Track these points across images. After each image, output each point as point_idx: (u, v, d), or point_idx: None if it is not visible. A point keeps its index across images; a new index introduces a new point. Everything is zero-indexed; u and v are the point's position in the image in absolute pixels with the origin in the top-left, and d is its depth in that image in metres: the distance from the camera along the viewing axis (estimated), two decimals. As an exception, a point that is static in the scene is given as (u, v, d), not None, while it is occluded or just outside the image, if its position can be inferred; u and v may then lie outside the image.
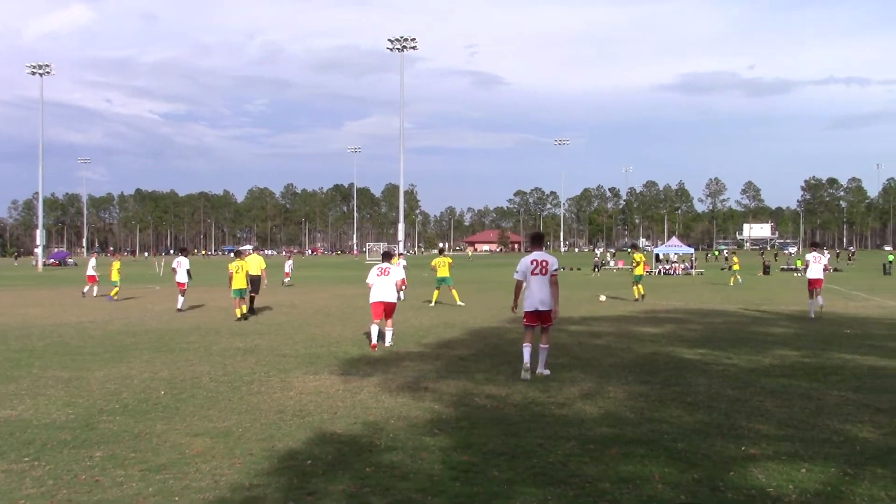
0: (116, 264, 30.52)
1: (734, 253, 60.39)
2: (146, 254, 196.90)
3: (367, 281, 14.82)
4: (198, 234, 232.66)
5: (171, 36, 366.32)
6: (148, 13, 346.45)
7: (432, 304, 25.54)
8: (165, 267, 61.35)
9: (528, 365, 10.89)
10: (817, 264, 21.44)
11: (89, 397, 9.73)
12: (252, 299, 22.43)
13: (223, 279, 21.38)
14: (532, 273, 11.02)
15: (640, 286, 28.58)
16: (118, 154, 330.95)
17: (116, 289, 29.80)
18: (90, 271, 32.07)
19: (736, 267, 44.17)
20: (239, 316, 20.30)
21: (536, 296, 10.98)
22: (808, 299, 21.18)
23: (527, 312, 11.08)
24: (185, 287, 24.47)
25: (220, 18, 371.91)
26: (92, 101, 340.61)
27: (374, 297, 14.62)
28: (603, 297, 28.90)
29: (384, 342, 14.50)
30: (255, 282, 22.52)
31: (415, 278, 39.07)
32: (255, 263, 23.16)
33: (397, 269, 15.67)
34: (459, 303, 25.45)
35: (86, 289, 31.89)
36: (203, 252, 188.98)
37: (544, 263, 11.03)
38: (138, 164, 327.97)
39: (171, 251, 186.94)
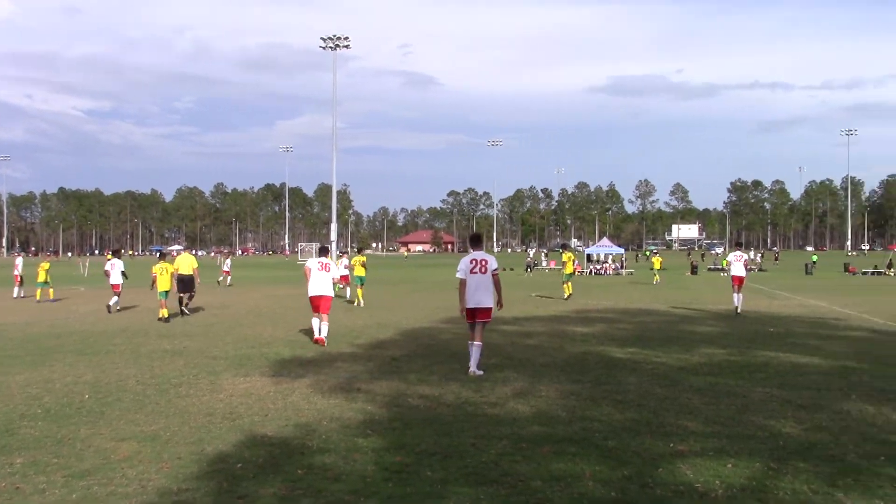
0: (45, 265, 29.59)
1: (656, 253, 61.75)
2: (69, 254, 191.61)
3: (307, 265, 15.49)
4: (124, 234, 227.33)
5: (96, 31, 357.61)
6: (71, 7, 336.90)
7: (355, 303, 25.75)
8: (91, 268, 59.89)
9: (475, 355, 11.32)
10: (738, 262, 23.15)
11: (9, 402, 9.41)
12: (188, 298, 22.33)
13: (150, 280, 20.92)
14: (472, 272, 11.32)
15: (569, 284, 29.25)
16: (41, 151, 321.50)
17: (52, 290, 29.32)
18: (17, 272, 31.56)
19: (657, 266, 46.21)
20: (162, 317, 19.93)
21: (475, 293, 11.29)
22: (732, 295, 22.34)
23: (467, 309, 11.32)
24: (120, 288, 24.01)
25: (147, 14, 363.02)
26: (12, 97, 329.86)
27: (313, 291, 15.12)
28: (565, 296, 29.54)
29: (323, 334, 14.92)
30: (188, 282, 22.33)
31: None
32: (186, 263, 22.84)
33: (336, 266, 16.07)
34: (361, 302, 25.84)
35: (15, 291, 31.26)
36: (130, 252, 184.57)
37: (484, 263, 11.36)
38: (62, 161, 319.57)
39: (97, 251, 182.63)
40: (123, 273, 24.34)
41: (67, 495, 5.87)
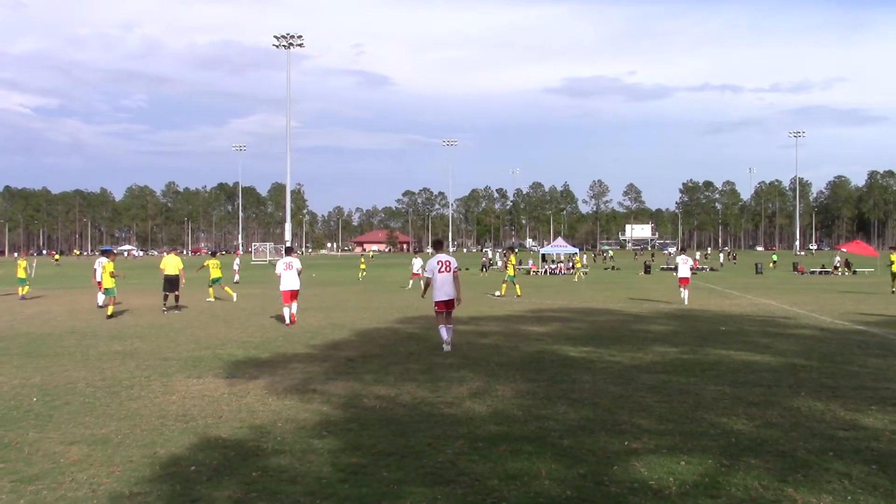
0: (23, 263, 30.86)
1: (575, 254, 62.76)
2: (16, 254, 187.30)
3: (276, 272, 19.17)
4: (73, 234, 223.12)
5: (42, 26, 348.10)
6: (15, 1, 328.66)
7: (210, 299, 27.87)
8: (38, 268, 58.64)
9: (446, 338, 13.66)
10: (685, 265, 27.00)
11: (-47, 406, 9.17)
12: (174, 298, 23.56)
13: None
14: (439, 272, 13.98)
15: (516, 284, 30.98)
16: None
17: (27, 287, 30.62)
18: None
19: (578, 265, 51.17)
20: (110, 314, 20.92)
21: (442, 289, 13.93)
22: (679, 293, 26.05)
23: (437, 302, 13.92)
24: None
25: (94, 10, 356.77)
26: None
27: (284, 286, 18.79)
28: (497, 293, 31.04)
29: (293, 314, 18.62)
30: (174, 281, 23.66)
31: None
32: (172, 263, 24.05)
33: (297, 261, 19.65)
34: (210, 299, 27.93)
35: None
36: (76, 252, 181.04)
37: (447, 263, 14.12)
38: (7, 160, 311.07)
39: (44, 251, 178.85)
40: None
41: (15, 500, 5.74)
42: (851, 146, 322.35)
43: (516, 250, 34.18)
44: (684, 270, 26.42)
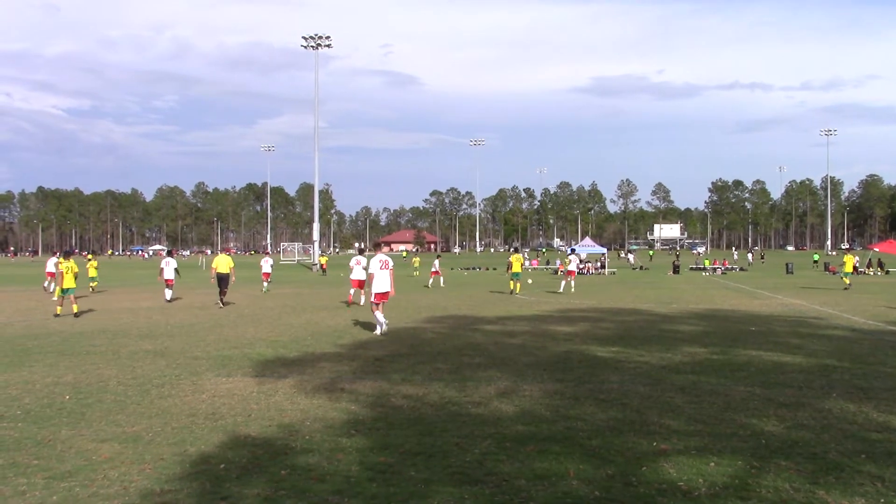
0: (94, 262, 35.57)
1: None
2: (86, 254, 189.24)
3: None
4: (104, 234, 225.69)
5: (75, 28, 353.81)
6: (49, 4, 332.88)
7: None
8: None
9: (382, 322, 16.50)
10: (573, 263, 31.79)
11: (-12, 403, 9.32)
12: (222, 294, 25.58)
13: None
14: (380, 269, 16.80)
15: (517, 283, 32.32)
16: (19, 150, 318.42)
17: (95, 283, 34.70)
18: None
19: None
20: (57, 313, 21.37)
21: (381, 283, 16.77)
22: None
23: (376, 294, 16.70)
24: (173, 283, 28.20)
25: (125, 12, 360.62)
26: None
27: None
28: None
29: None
30: (224, 279, 25.60)
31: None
32: (223, 262, 26.07)
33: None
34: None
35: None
36: (109, 252, 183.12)
37: (387, 262, 17.04)
38: (41, 161, 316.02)
39: (77, 251, 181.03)
40: (176, 270, 28.78)
41: (48, 497, 5.82)
42: (885, 144, 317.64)
43: (521, 252, 35.49)
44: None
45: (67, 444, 7.33)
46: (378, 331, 16.42)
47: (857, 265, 58.00)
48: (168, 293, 27.56)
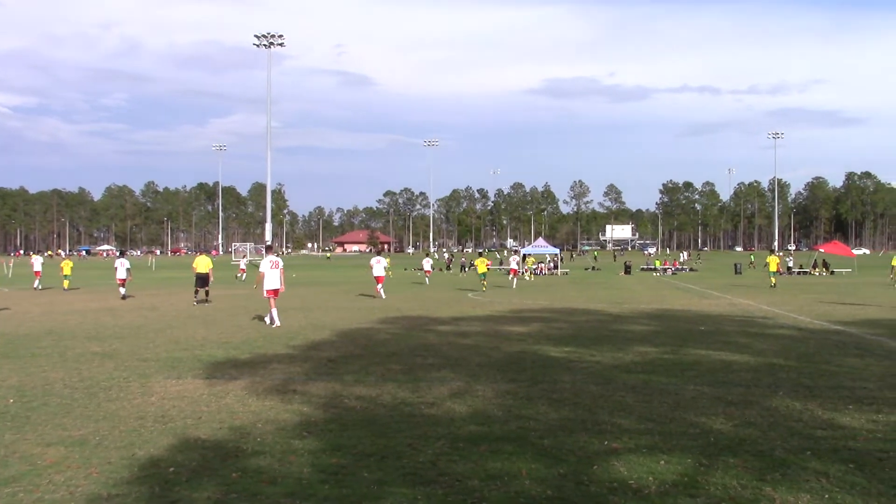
0: (69, 262, 36.94)
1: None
2: (62, 252, 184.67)
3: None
4: (51, 234, 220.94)
5: (19, 25, 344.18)
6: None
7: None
8: (14, 268, 58.14)
9: (275, 316, 18.48)
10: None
11: (-72, 408, 9.06)
12: (204, 293, 27.27)
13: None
14: (270, 269, 19.03)
15: (484, 282, 34.91)
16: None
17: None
18: None
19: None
20: None
21: (271, 280, 19.02)
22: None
23: (268, 290, 18.92)
24: (125, 282, 29.84)
25: (72, 9, 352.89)
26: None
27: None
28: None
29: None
30: (204, 279, 27.18)
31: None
32: (203, 262, 27.59)
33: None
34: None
35: None
36: (49, 252, 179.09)
37: (276, 262, 19.32)
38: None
39: (21, 252, 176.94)
40: (128, 270, 30.39)
41: (-9, 503, 5.68)
42: (829, 148, 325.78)
43: (485, 255, 37.49)
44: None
45: (11, 449, 7.16)
46: (267, 319, 18.75)
47: (791, 265, 59.38)
48: (122, 290, 29.43)
